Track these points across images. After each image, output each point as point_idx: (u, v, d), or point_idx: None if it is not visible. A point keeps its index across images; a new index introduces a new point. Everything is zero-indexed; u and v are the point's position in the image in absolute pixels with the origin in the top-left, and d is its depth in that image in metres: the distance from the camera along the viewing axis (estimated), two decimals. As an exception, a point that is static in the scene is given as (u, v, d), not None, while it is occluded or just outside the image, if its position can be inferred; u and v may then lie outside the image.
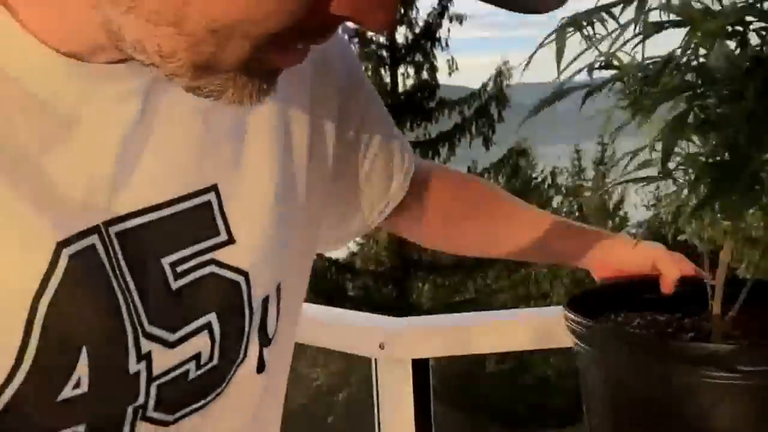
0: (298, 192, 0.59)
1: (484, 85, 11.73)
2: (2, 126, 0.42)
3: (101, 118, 0.46)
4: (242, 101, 0.43)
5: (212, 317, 0.51)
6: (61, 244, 0.44)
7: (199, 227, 0.51)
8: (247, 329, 0.54)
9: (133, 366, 0.47)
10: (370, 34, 11.11)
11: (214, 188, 0.52)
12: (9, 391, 0.42)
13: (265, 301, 0.55)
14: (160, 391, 0.49)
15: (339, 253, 11.32)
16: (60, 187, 0.44)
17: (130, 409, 0.47)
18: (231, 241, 0.52)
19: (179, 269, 0.50)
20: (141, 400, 0.48)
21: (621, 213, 13.11)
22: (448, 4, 11.46)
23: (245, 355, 0.55)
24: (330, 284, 11.19)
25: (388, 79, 11.43)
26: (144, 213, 0.48)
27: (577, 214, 12.88)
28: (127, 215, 0.47)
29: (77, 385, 0.45)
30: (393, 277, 11.28)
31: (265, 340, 0.56)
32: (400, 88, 11.47)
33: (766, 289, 0.62)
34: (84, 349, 0.44)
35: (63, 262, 0.44)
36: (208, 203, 0.52)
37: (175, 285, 0.49)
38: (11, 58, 0.42)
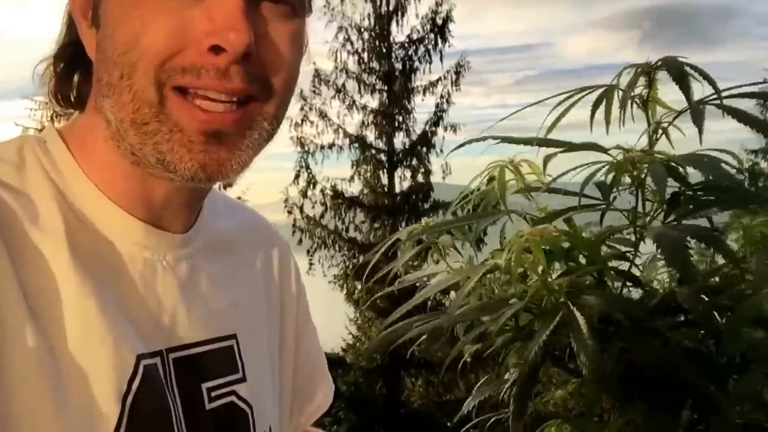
0: (276, 348, 0.77)
1: (478, 188, 11.98)
2: (109, 274, 0.60)
3: (165, 271, 0.64)
4: (184, 170, 0.56)
5: None
6: (140, 357, 0.58)
7: (226, 364, 0.67)
8: None
9: None
10: (369, 139, 11.86)
11: (234, 336, 0.69)
12: None
13: None
14: None
15: (330, 348, 11.45)
16: (139, 316, 0.60)
17: None
18: (244, 379, 0.68)
19: (213, 394, 0.65)
20: None
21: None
22: (443, 115, 12.05)
23: None
24: (321, 379, 11.23)
25: (386, 181, 11.96)
26: (192, 347, 0.64)
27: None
28: (181, 346, 0.63)
29: None
30: (384, 374, 11.18)
31: None
32: (397, 189, 11.95)
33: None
34: None
35: (141, 370, 0.58)
36: (231, 347, 0.68)
37: (208, 406, 0.64)
38: (108, 223, 0.61)
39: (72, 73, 0.65)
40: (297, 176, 11.58)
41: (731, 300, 0.73)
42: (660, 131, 0.83)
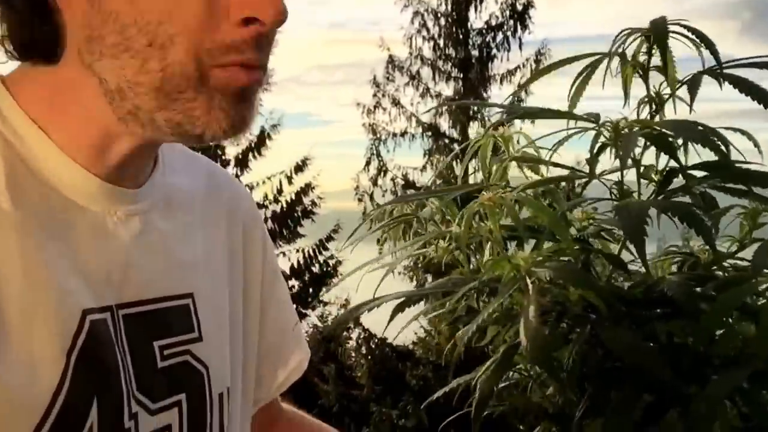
0: (239, 309, 0.76)
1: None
2: (56, 226, 0.58)
3: (116, 226, 0.62)
4: (216, 130, 0.56)
5: (183, 397, 0.64)
6: (86, 312, 0.57)
7: (181, 323, 0.66)
8: (209, 419, 0.67)
9: (127, 422, 0.59)
10: (443, 128, 11.74)
11: (190, 296, 0.67)
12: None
13: (221, 397, 0.69)
14: None
15: (400, 341, 11.37)
16: (89, 271, 0.59)
17: None
18: (200, 339, 0.67)
19: (166, 353, 0.64)
20: None
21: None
22: (521, 105, 11.74)
23: None
24: (390, 372, 11.26)
25: (459, 172, 11.79)
26: (144, 304, 0.63)
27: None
28: (132, 303, 0.62)
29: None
30: (455, 370, 11.02)
31: None
32: (471, 180, 11.74)
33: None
34: (95, 399, 0.56)
35: (87, 326, 0.56)
36: (187, 305, 0.67)
37: (160, 364, 0.63)
38: (59, 176, 0.59)
39: (31, 18, 0.58)
40: (368, 163, 11.59)
41: (715, 290, 0.64)
42: (657, 102, 0.73)
